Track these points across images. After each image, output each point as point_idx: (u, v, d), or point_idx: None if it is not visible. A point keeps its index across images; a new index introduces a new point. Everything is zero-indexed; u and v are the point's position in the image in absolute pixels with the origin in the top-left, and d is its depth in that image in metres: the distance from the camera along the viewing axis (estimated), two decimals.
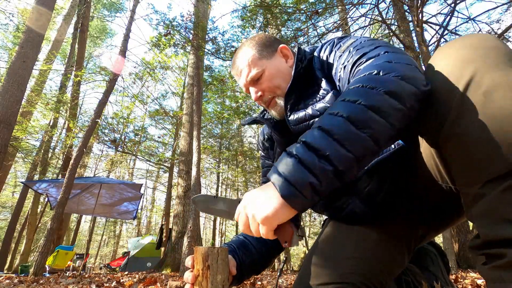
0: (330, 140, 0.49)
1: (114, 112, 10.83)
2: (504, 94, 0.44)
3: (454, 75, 0.49)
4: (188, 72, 8.99)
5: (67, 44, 13.47)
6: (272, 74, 0.84)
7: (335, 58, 0.75)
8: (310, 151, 0.50)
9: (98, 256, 20.10)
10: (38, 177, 10.36)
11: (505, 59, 0.47)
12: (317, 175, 0.48)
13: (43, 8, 5.05)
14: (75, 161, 4.92)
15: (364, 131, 0.48)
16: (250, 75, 0.84)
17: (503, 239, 0.42)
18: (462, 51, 0.51)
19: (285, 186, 0.50)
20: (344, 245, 0.76)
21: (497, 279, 0.43)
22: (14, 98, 4.44)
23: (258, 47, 0.86)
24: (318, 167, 0.48)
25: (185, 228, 6.58)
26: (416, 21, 3.75)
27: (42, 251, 4.32)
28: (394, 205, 0.75)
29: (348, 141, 0.48)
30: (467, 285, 1.84)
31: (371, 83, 0.51)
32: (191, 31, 6.62)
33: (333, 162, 0.48)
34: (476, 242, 0.47)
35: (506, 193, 0.42)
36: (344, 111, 0.50)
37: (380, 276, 0.72)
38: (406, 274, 0.87)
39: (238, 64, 0.87)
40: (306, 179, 0.49)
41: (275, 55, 0.87)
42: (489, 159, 0.44)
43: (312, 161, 0.49)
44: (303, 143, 0.52)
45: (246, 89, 0.88)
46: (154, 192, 20.79)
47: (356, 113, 0.49)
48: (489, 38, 0.52)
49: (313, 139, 0.51)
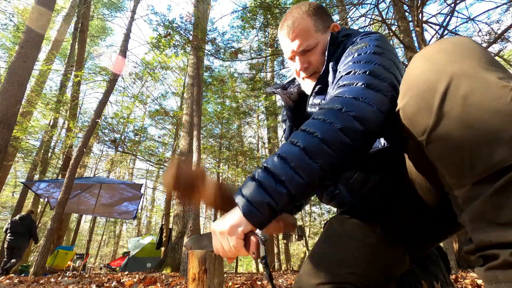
0: (287, 167, 0.57)
1: (114, 112, 10.85)
2: (481, 97, 0.44)
3: (432, 82, 0.49)
4: (188, 72, 8.99)
5: (67, 44, 13.47)
6: (323, 49, 0.84)
7: (345, 55, 0.77)
8: (269, 175, 0.58)
9: (98, 256, 20.10)
10: (38, 177, 10.37)
11: (480, 61, 0.48)
12: (273, 197, 0.57)
13: (43, 8, 5.06)
14: (75, 161, 4.92)
15: (316, 161, 0.56)
16: (304, 45, 0.84)
17: (496, 243, 0.42)
18: (438, 56, 0.51)
19: (246, 205, 0.58)
20: (344, 246, 0.76)
21: (493, 279, 0.44)
22: (14, 98, 4.44)
23: (316, 18, 0.86)
24: (274, 190, 0.57)
25: (185, 228, 6.58)
26: (416, 21, 3.76)
27: (42, 251, 4.32)
28: (387, 203, 0.75)
29: (301, 169, 0.56)
30: (467, 285, 1.84)
31: (331, 118, 0.59)
32: (191, 32, 6.62)
33: (287, 186, 0.56)
34: (470, 247, 0.48)
35: (494, 197, 0.42)
36: (302, 142, 0.58)
37: (380, 276, 0.72)
38: (407, 275, 0.87)
39: (293, 27, 0.85)
40: (264, 200, 0.57)
41: (328, 31, 0.87)
42: (471, 161, 0.45)
43: (270, 185, 0.57)
44: (264, 168, 0.60)
45: (292, 57, 0.87)
46: (154, 192, 20.80)
47: (311, 144, 0.57)
48: (465, 41, 0.52)
49: (273, 165, 0.58)
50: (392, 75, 0.64)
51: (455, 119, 0.46)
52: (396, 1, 4.09)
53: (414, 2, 3.77)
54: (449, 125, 0.46)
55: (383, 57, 0.68)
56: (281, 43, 0.90)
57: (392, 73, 0.65)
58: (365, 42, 0.74)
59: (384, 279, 0.73)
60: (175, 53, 7.77)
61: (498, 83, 0.44)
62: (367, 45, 0.73)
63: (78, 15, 10.26)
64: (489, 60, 0.49)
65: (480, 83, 0.45)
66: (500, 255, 0.42)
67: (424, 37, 3.91)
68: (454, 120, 0.46)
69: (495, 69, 0.47)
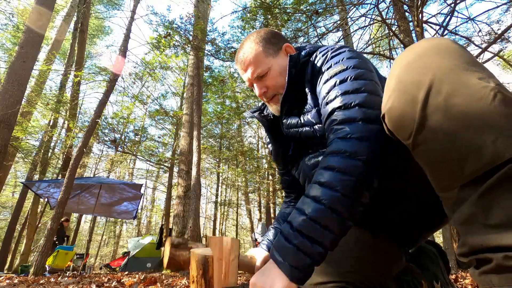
0: (318, 227, 0.60)
1: (114, 112, 10.80)
2: (463, 98, 0.44)
3: (414, 85, 0.49)
4: (188, 72, 8.99)
5: (67, 42, 13.46)
6: (277, 73, 0.86)
7: (321, 79, 0.76)
8: (304, 238, 0.60)
9: (98, 256, 20.09)
10: (38, 177, 10.36)
11: (460, 62, 0.48)
12: (314, 258, 0.60)
13: (43, 8, 5.06)
14: (75, 161, 4.92)
15: (341, 215, 0.60)
16: (256, 73, 0.86)
17: (488, 247, 0.42)
18: (418, 59, 0.52)
19: (293, 272, 0.60)
20: (342, 245, 0.76)
21: (487, 283, 0.43)
22: (14, 98, 4.44)
23: (264, 44, 0.87)
24: (313, 252, 0.60)
25: (185, 228, 6.59)
26: (416, 21, 3.76)
27: (42, 251, 4.32)
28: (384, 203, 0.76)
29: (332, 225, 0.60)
30: (467, 285, 1.84)
31: (344, 167, 0.61)
32: (191, 32, 6.62)
33: (323, 245, 0.60)
34: (463, 250, 0.47)
35: (483, 198, 0.42)
36: (326, 199, 0.60)
37: (378, 275, 0.72)
38: (405, 274, 0.88)
39: (244, 58, 0.88)
40: (305, 263, 0.60)
41: (280, 54, 0.89)
42: (458, 163, 0.45)
43: (307, 247, 0.60)
44: (296, 230, 0.62)
45: (250, 84, 0.90)
46: (154, 192, 20.80)
47: (334, 199, 0.60)
48: (443, 42, 0.53)
49: (304, 228, 0.61)
50: (380, 98, 0.64)
51: (438, 122, 0.46)
52: (396, 1, 4.09)
53: (414, 2, 3.77)
54: (433, 128, 0.47)
55: (366, 79, 0.68)
56: (240, 74, 0.94)
57: (379, 96, 0.66)
58: (341, 65, 0.73)
59: (381, 276, 0.73)
60: (175, 53, 7.77)
61: (478, 84, 0.45)
62: (344, 69, 0.72)
63: (78, 15, 10.26)
64: (469, 60, 0.49)
65: (460, 85, 0.45)
66: (493, 259, 0.42)
67: (424, 37, 3.91)
68: (438, 123, 0.46)
69: (475, 69, 0.47)
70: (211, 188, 19.49)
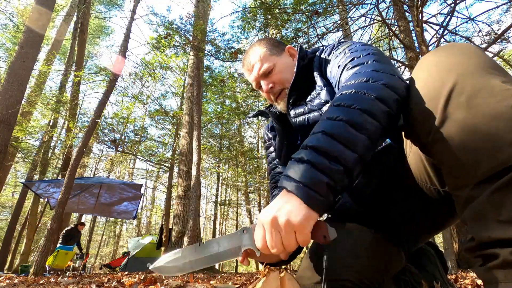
0: (335, 143, 0.54)
1: (114, 112, 10.83)
2: (485, 99, 0.46)
3: (437, 84, 0.52)
4: (188, 73, 9.00)
5: (67, 42, 13.46)
6: (282, 69, 0.93)
7: (331, 58, 0.84)
8: (319, 154, 0.53)
9: (98, 256, 20.10)
10: (38, 177, 10.36)
11: (484, 66, 0.50)
12: (331, 176, 0.52)
13: (43, 8, 5.06)
14: (75, 161, 4.92)
15: (362, 132, 0.54)
16: (263, 69, 0.92)
17: (496, 240, 0.43)
18: (444, 60, 0.54)
19: (306, 192, 0.52)
20: (341, 243, 0.76)
21: (493, 279, 0.44)
22: (14, 98, 4.44)
23: (268, 46, 0.96)
24: (330, 169, 0.52)
25: (185, 228, 6.59)
26: (416, 21, 3.76)
27: (42, 251, 4.32)
28: (384, 204, 0.77)
29: (351, 143, 0.54)
30: (467, 285, 1.84)
31: (363, 89, 0.58)
32: (191, 33, 6.63)
33: (341, 162, 0.53)
34: (471, 244, 0.48)
35: (495, 195, 0.43)
36: (343, 115, 0.56)
37: (376, 274, 0.73)
38: (404, 274, 0.88)
39: (250, 60, 0.95)
40: (322, 180, 0.52)
41: (283, 54, 0.97)
42: (475, 162, 0.46)
43: (323, 163, 0.53)
44: (310, 148, 0.55)
45: (257, 83, 0.95)
46: (154, 192, 20.81)
47: (354, 116, 0.55)
48: (469, 47, 0.55)
49: (320, 143, 0.54)
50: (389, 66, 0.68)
51: (459, 121, 0.47)
52: (396, 1, 4.10)
53: (414, 2, 3.77)
54: (454, 126, 0.48)
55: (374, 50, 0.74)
56: (247, 78, 1.00)
57: (389, 64, 0.69)
58: (349, 43, 0.81)
59: (380, 275, 0.74)
60: (175, 54, 7.77)
61: (501, 87, 0.46)
62: (353, 44, 0.80)
63: (78, 15, 10.26)
64: (492, 65, 0.51)
65: (484, 86, 0.47)
66: (500, 255, 0.42)
67: (424, 37, 3.91)
68: (458, 121, 0.47)
69: (498, 74, 0.49)
70: (211, 188, 19.51)
